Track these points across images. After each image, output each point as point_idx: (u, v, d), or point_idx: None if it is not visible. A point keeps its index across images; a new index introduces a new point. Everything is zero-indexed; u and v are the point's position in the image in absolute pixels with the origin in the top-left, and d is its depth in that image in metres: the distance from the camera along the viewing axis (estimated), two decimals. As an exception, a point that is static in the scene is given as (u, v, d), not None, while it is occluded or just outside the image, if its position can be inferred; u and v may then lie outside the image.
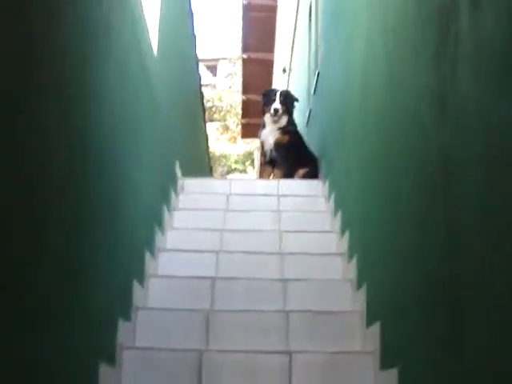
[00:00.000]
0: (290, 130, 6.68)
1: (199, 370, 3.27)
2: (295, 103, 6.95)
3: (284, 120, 6.67)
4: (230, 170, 24.11)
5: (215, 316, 3.73)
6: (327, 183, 5.70)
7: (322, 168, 6.22)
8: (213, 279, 4.15)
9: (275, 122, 6.66)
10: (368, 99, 3.81)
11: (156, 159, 4.73)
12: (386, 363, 3.03)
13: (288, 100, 6.82)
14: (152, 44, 4.62)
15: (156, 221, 4.65)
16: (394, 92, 3.09)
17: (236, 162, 24.36)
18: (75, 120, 2.52)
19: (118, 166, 3.34)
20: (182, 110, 7.13)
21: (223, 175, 22.80)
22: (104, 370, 2.94)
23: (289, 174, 6.39)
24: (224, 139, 24.60)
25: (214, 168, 18.59)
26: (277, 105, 6.65)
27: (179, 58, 6.95)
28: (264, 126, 6.78)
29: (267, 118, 6.72)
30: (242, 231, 4.94)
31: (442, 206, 2.25)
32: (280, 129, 6.64)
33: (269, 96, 6.85)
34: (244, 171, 24.05)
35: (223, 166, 24.14)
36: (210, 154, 14.23)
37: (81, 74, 2.60)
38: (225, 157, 24.11)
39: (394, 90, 3.11)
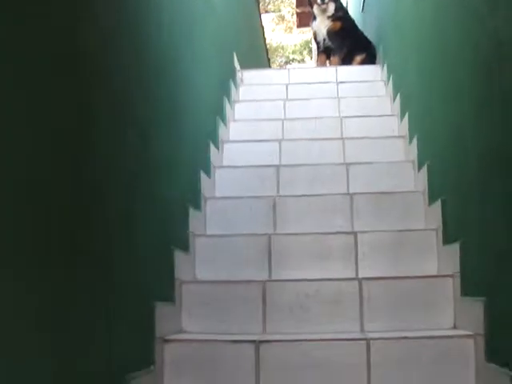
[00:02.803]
0: (340, 16, 6.64)
1: (269, 252, 3.43)
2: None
3: (332, 7, 6.63)
4: (288, 61, 23.92)
5: (281, 201, 3.86)
6: (385, 67, 5.69)
7: (380, 53, 6.19)
8: (277, 167, 4.27)
9: (324, 10, 6.63)
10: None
11: (214, 53, 4.79)
12: (448, 238, 3.14)
13: (332, -14, 6.77)
14: None
15: (218, 113, 4.74)
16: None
17: (293, 52, 24.13)
18: (137, 21, 2.60)
19: (177, 63, 3.42)
20: (236, 2, 7.10)
21: (281, 66, 22.65)
22: (178, 255, 3.11)
23: (346, 61, 6.39)
24: (280, 30, 24.31)
25: (271, 59, 18.46)
26: (322, -7, 6.62)
27: None
28: (314, 18, 6.77)
29: (315, 8, 6.71)
30: (303, 119, 5.02)
31: (497, 88, 2.28)
32: (330, 17, 6.61)
33: None
34: (302, 61, 23.83)
35: (281, 56, 23.95)
36: (267, 46, 14.13)
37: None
38: (282, 47, 23.89)
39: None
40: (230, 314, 3.02)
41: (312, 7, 6.79)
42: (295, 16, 19.92)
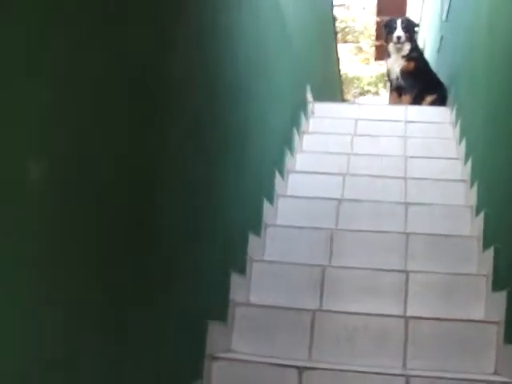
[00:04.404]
0: (414, 56, 6.76)
1: (322, 283, 3.55)
2: (416, 29, 7.01)
3: (407, 47, 6.75)
4: (363, 92, 23.99)
5: (339, 235, 3.98)
6: (454, 110, 5.77)
7: (451, 95, 6.27)
8: (339, 200, 4.39)
9: (399, 49, 6.76)
10: (496, 28, 3.86)
11: (287, 85, 4.95)
12: (497, 285, 3.21)
13: (409, 27, 6.92)
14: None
15: (286, 143, 4.90)
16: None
17: (369, 83, 24.19)
18: (212, 52, 2.78)
19: (249, 95, 3.58)
20: (313, 33, 7.26)
21: (356, 97, 22.73)
22: (235, 278, 3.27)
23: (416, 101, 6.48)
24: (357, 61, 24.42)
25: (346, 90, 18.58)
26: (399, 32, 6.76)
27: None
28: (389, 55, 6.90)
29: (391, 46, 6.84)
30: (369, 155, 5.13)
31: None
32: (404, 56, 6.73)
33: (390, 25, 6.96)
34: (376, 93, 23.88)
35: (356, 87, 24.04)
36: (343, 77, 14.28)
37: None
38: (358, 79, 23.98)
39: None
40: (278, 339, 3.15)
41: (387, 44, 6.92)
42: (373, 48, 19.99)
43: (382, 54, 17.57)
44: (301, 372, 2.77)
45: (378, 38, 17.74)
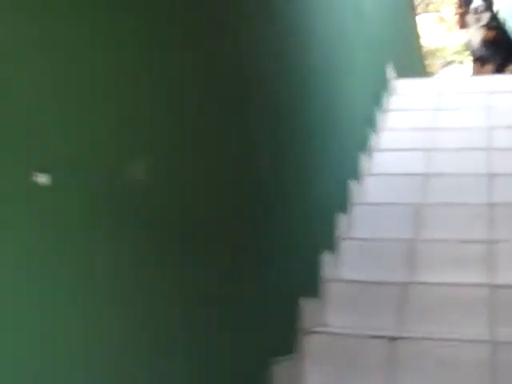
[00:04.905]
0: (494, 25, 6.72)
1: (410, 256, 3.66)
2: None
3: (486, 16, 6.72)
4: (447, 63, 23.61)
5: (426, 209, 4.07)
6: (539, 78, 5.73)
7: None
8: (424, 175, 4.47)
9: (478, 20, 6.74)
10: None
11: (367, 62, 5.04)
12: None
13: (487, -4, 6.87)
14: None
15: (369, 122, 5.00)
16: None
17: (454, 53, 23.77)
18: (294, 34, 2.94)
19: (331, 74, 3.72)
20: (391, 9, 7.28)
21: (440, 68, 22.39)
22: (326, 256, 3.42)
23: (499, 70, 6.46)
24: (440, 31, 24.02)
25: (429, 62, 18.32)
26: (477, 2, 6.72)
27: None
28: (469, 26, 6.88)
29: (469, 17, 6.83)
30: (453, 129, 5.17)
31: None
32: (484, 26, 6.70)
33: None
34: (461, 62, 23.45)
35: (440, 58, 23.67)
36: (426, 48, 14.12)
37: None
38: (441, 49, 23.60)
39: None
40: (369, 312, 3.29)
41: (467, 15, 6.91)
42: (457, 17, 19.64)
43: (464, 21, 17.30)
44: (391, 342, 2.90)
45: (460, 5, 17.48)
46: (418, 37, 11.29)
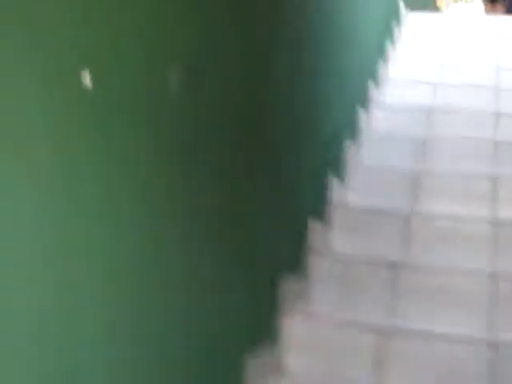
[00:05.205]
0: None
1: (415, 187, 3.73)
2: None
3: None
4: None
5: (432, 141, 4.13)
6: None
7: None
8: (431, 108, 4.51)
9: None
10: None
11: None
12: None
13: None
14: None
15: (380, 53, 5.01)
16: None
17: (462, -11, 23.47)
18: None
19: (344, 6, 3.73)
20: None
21: (449, 4, 22.13)
22: (334, 181, 3.49)
23: (511, 9, 6.43)
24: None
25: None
26: None
27: None
28: None
29: None
30: (460, 65, 5.18)
31: None
32: None
33: None
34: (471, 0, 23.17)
35: (448, -6, 23.36)
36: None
37: None
38: (450, -15, 23.29)
39: None
40: (375, 239, 3.37)
41: None
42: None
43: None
44: (396, 269, 3.00)
45: None
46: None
